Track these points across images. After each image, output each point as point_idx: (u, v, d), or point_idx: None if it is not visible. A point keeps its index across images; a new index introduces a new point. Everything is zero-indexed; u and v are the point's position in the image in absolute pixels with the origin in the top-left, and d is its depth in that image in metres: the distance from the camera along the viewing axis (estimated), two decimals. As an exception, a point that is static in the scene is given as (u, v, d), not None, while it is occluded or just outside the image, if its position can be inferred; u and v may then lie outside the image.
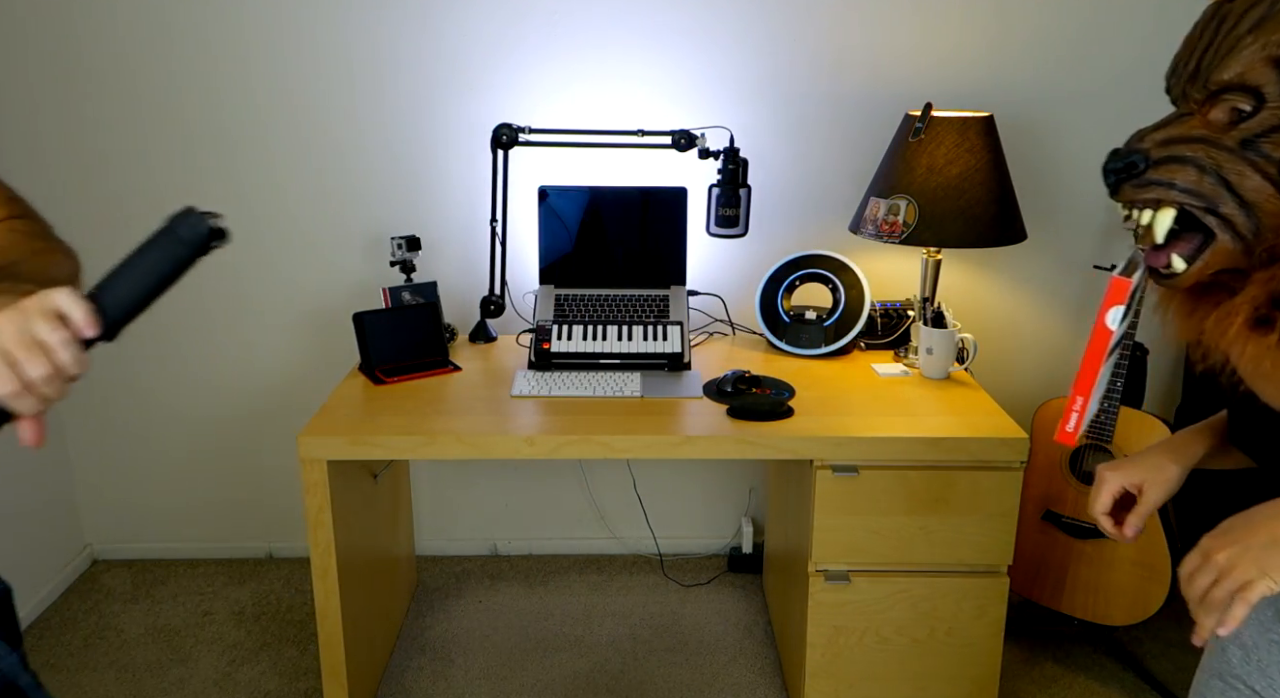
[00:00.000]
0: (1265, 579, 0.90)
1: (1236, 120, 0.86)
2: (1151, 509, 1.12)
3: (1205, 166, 0.87)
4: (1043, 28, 2.36)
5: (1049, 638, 2.41)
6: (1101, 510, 1.14)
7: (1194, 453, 1.15)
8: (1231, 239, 0.88)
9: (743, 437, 1.84)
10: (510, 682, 2.26)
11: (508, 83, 2.40)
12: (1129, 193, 0.92)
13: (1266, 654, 1.12)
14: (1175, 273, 0.94)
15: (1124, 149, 0.93)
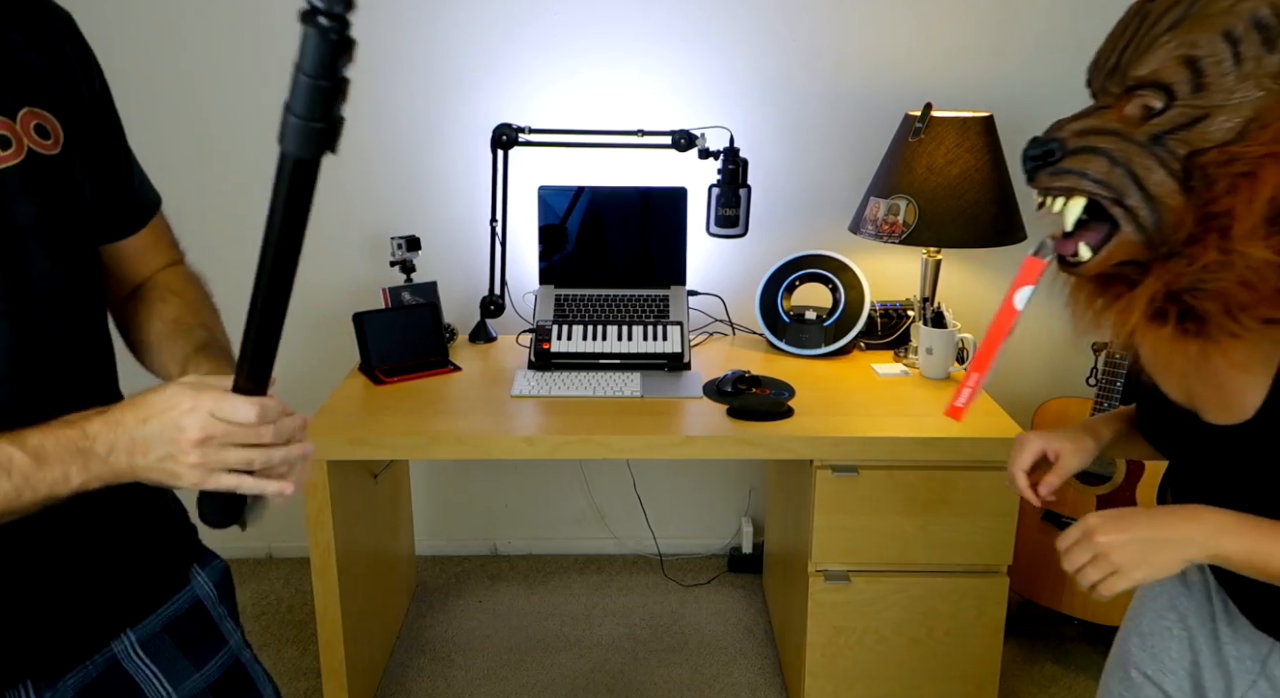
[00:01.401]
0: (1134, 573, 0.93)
1: (1148, 116, 0.87)
2: (1066, 475, 1.15)
3: (1116, 159, 0.89)
4: (1043, 28, 2.36)
5: (1049, 638, 2.41)
6: (1021, 468, 1.17)
7: (1104, 435, 1.19)
8: (1135, 231, 0.91)
9: (743, 437, 1.84)
10: (510, 682, 2.26)
11: (508, 83, 2.40)
12: (1044, 180, 0.94)
13: (1159, 642, 1.16)
14: (1081, 261, 0.98)
15: (1043, 137, 0.94)
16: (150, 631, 0.98)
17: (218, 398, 0.79)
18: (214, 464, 0.80)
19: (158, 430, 0.78)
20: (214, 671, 1.03)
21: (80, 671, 0.92)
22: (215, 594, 1.06)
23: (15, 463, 0.76)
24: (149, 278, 1.06)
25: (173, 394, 0.79)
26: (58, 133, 0.87)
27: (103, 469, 0.79)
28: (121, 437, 0.79)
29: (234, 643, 1.07)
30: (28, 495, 0.77)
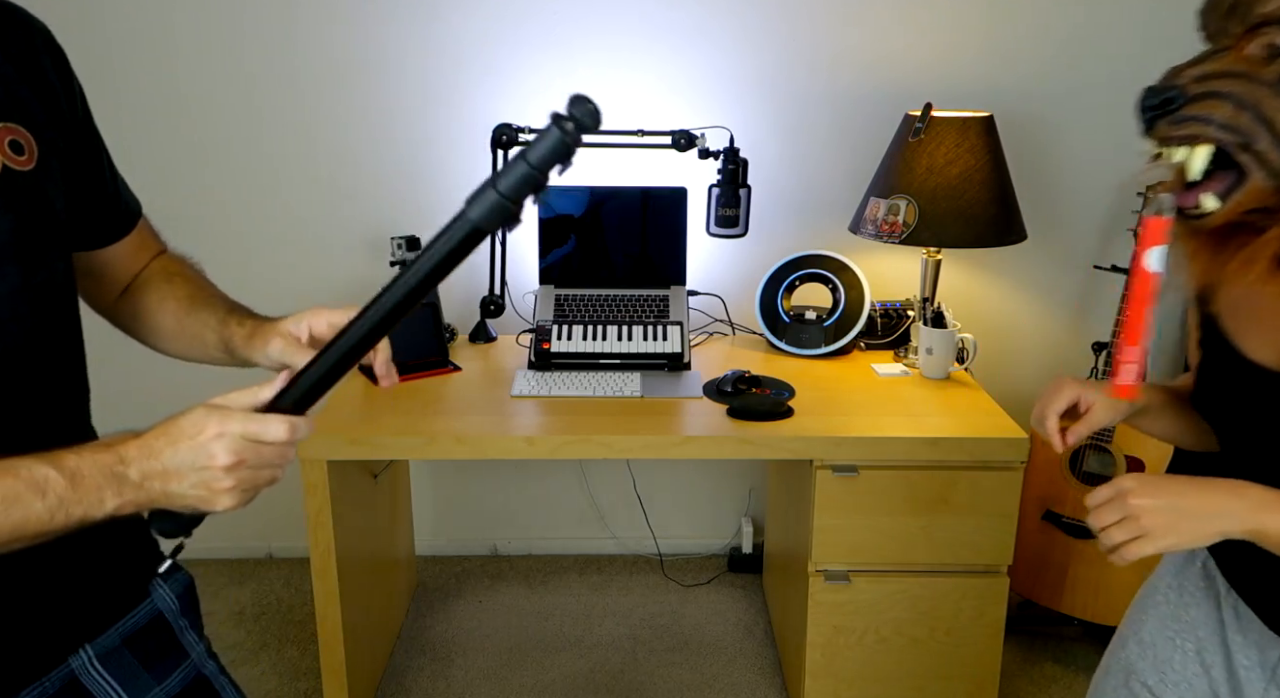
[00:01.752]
0: (1161, 541, 0.90)
1: (1274, 55, 0.84)
2: (1095, 427, 1.11)
3: (1243, 102, 0.85)
4: (1042, 27, 2.36)
5: (1049, 638, 2.41)
6: (1057, 410, 1.11)
7: (1138, 400, 1.13)
8: (1265, 177, 0.87)
9: (743, 437, 1.84)
10: (510, 682, 2.26)
11: (508, 83, 2.40)
12: (1164, 130, 0.90)
13: (1163, 652, 1.13)
14: (1205, 213, 0.92)
15: (1159, 85, 0.90)
16: (109, 645, 0.96)
17: (246, 420, 0.79)
18: (248, 487, 0.80)
19: (189, 458, 0.78)
20: (175, 684, 1.01)
21: (37, 687, 0.90)
22: (177, 606, 1.04)
23: (51, 484, 0.75)
24: (141, 272, 1.07)
25: (199, 419, 0.79)
26: (32, 148, 0.86)
27: (137, 495, 0.78)
28: (154, 464, 0.78)
29: (196, 656, 1.05)
30: (60, 518, 0.76)
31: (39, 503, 0.75)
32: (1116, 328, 2.12)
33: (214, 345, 1.02)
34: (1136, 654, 1.16)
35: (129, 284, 1.07)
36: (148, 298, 1.06)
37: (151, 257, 1.09)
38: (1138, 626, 1.18)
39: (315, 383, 0.82)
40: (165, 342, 1.06)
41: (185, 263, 1.11)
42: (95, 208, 1.00)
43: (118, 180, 1.04)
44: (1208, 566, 1.14)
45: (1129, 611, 1.22)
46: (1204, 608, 1.11)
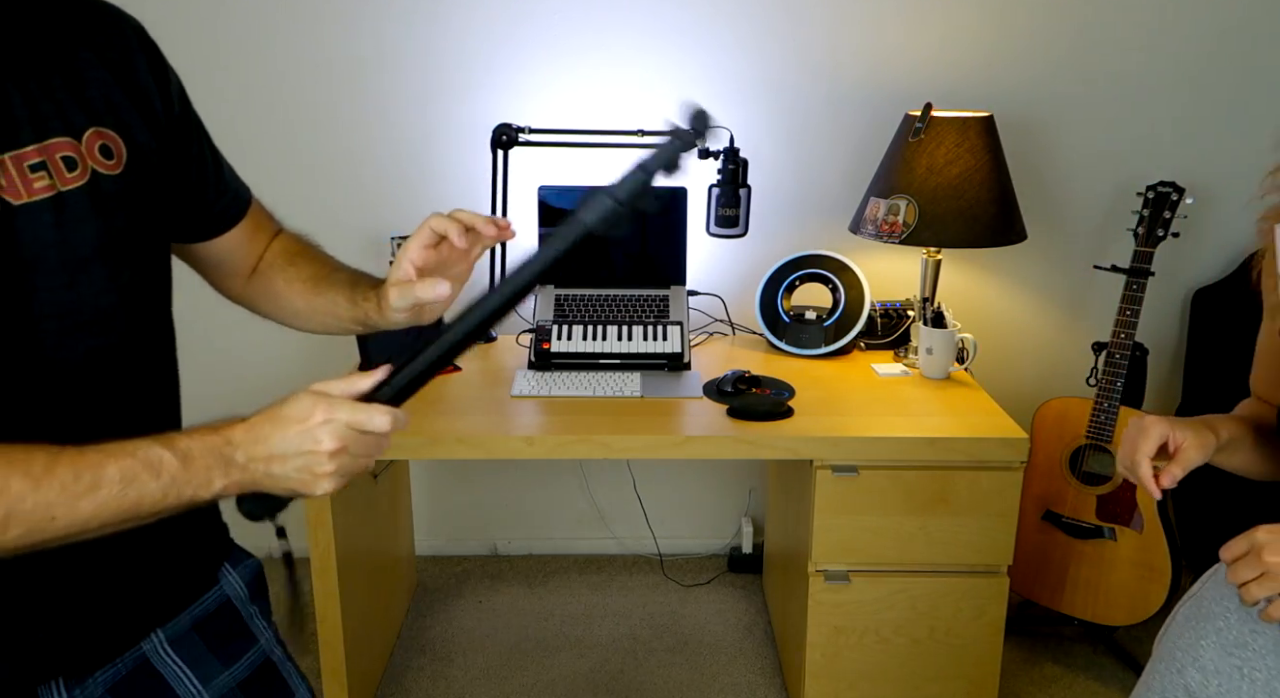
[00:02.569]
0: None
1: None
2: (1189, 467, 1.06)
3: None
4: (1043, 27, 2.36)
5: (1049, 638, 2.41)
6: (1147, 454, 1.06)
7: (1223, 433, 1.10)
8: None
9: (743, 437, 1.84)
10: (510, 682, 2.26)
11: (508, 83, 2.40)
12: None
13: (1228, 682, 1.09)
14: None
15: None
16: (180, 629, 0.99)
17: (352, 409, 0.81)
18: (346, 473, 0.83)
19: (295, 442, 0.80)
20: (243, 669, 1.04)
21: (110, 668, 0.93)
22: (246, 593, 1.08)
23: (165, 465, 0.78)
24: (262, 256, 1.10)
25: (307, 405, 0.81)
26: (121, 152, 0.88)
27: (242, 476, 0.81)
28: (260, 447, 0.81)
29: (264, 642, 1.08)
30: (172, 498, 0.78)
31: (154, 483, 0.77)
32: (1117, 328, 2.12)
33: (349, 320, 1.06)
34: (1199, 683, 1.11)
35: (254, 269, 1.10)
36: (274, 282, 1.09)
37: (269, 239, 1.11)
38: (1194, 651, 1.13)
39: (415, 378, 0.85)
40: (299, 321, 1.10)
41: (303, 242, 1.14)
42: (199, 201, 1.01)
43: (223, 170, 1.05)
44: None
45: (1176, 630, 1.18)
46: (1269, 635, 1.07)
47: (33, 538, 0.74)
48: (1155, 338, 2.53)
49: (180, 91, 0.99)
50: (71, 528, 0.75)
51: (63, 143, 0.83)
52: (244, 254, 1.09)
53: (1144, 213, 2.13)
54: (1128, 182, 2.41)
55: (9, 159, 0.80)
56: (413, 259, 0.97)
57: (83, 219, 0.84)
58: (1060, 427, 2.23)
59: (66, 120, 0.84)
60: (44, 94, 0.83)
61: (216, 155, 1.05)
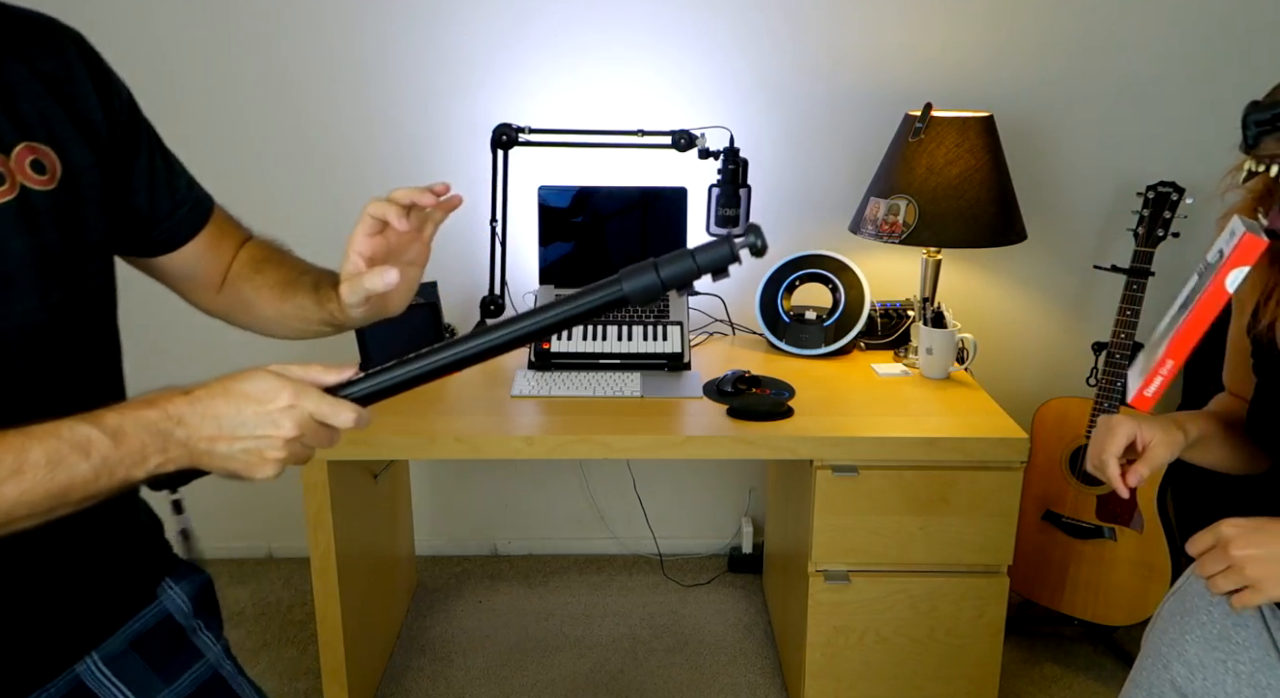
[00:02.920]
0: (1273, 590, 0.88)
1: None
2: (1156, 465, 1.06)
3: None
4: (1043, 27, 2.36)
5: (1049, 638, 2.41)
6: (1115, 453, 1.07)
7: (1192, 430, 1.11)
8: None
9: (743, 437, 1.84)
10: (510, 682, 2.26)
11: (508, 83, 2.40)
12: (1272, 146, 0.87)
13: (1212, 674, 1.10)
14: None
15: (1267, 100, 0.88)
16: (115, 649, 0.96)
17: (319, 400, 0.79)
18: (291, 462, 0.80)
19: (252, 422, 0.77)
20: (187, 685, 1.00)
21: (42, 694, 0.90)
22: (189, 607, 1.03)
23: (94, 444, 0.74)
24: (230, 265, 1.07)
25: (273, 388, 0.78)
26: (55, 167, 0.85)
27: (179, 453, 0.77)
28: (207, 423, 0.77)
29: (212, 657, 1.04)
30: (104, 480, 0.75)
31: (83, 464, 0.73)
32: (1117, 328, 2.12)
33: (318, 322, 1.03)
34: (1185, 677, 1.13)
35: (223, 280, 1.07)
36: (243, 291, 1.06)
37: (236, 248, 1.08)
38: (1179, 646, 1.14)
39: (392, 386, 0.83)
40: (272, 328, 1.07)
41: (270, 247, 1.10)
42: (152, 214, 0.98)
43: (177, 179, 1.02)
44: None
45: (1161, 625, 1.19)
46: (1253, 628, 1.08)
47: None
48: (1155, 338, 2.52)
49: (128, 102, 0.96)
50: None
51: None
52: (209, 265, 1.05)
53: (1144, 213, 2.13)
54: (1128, 182, 2.41)
55: None
56: (360, 251, 0.94)
57: (9, 235, 0.81)
58: (1060, 427, 2.23)
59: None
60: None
61: (171, 165, 1.01)
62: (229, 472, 0.79)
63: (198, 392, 0.78)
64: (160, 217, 1.00)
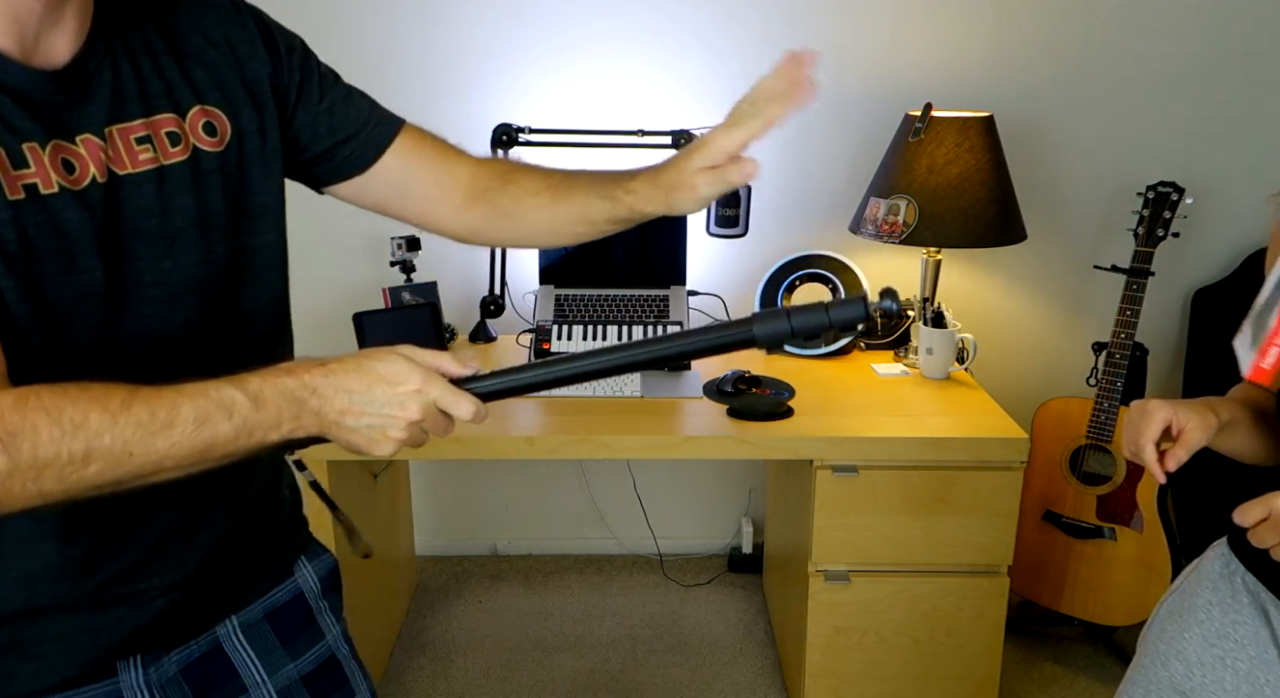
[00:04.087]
0: None
1: None
2: (1193, 449, 1.05)
3: None
4: (1043, 28, 2.36)
5: (1049, 638, 2.41)
6: (1151, 439, 1.05)
7: (1224, 414, 1.09)
8: None
9: (743, 437, 1.84)
10: (510, 682, 2.26)
11: (508, 83, 2.40)
12: None
13: (1211, 673, 1.11)
14: None
15: None
16: (252, 617, 1.01)
17: (444, 390, 0.82)
18: (409, 444, 0.83)
19: (381, 401, 0.80)
20: (308, 663, 1.05)
21: (185, 649, 0.95)
22: (318, 588, 1.08)
23: (237, 406, 0.77)
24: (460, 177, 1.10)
25: (405, 370, 0.81)
26: (225, 130, 0.91)
27: (310, 422, 0.80)
28: (340, 396, 0.80)
29: (331, 638, 1.08)
30: (243, 441, 0.78)
31: (226, 423, 0.77)
32: (1117, 328, 2.12)
33: (604, 221, 1.04)
34: (1183, 674, 1.13)
35: (463, 194, 1.09)
36: (499, 202, 1.08)
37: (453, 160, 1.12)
38: (1178, 644, 1.14)
39: (515, 387, 0.86)
40: (539, 236, 1.10)
41: (511, 161, 1.13)
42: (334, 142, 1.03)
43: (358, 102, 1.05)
44: (1246, 580, 1.11)
45: (1159, 624, 1.19)
46: (1251, 625, 1.09)
47: (112, 474, 0.74)
48: (1155, 338, 2.52)
49: (300, 51, 1.00)
50: (146, 466, 0.75)
51: (168, 119, 0.87)
52: (423, 177, 1.09)
53: (1144, 213, 2.13)
54: (1128, 182, 2.41)
55: (117, 131, 0.83)
56: (729, 148, 0.96)
57: (181, 192, 0.87)
58: (1060, 427, 2.23)
59: (173, 98, 0.87)
60: (155, 73, 0.87)
61: (351, 92, 1.05)
62: (351, 445, 0.83)
63: (333, 365, 0.81)
64: (346, 139, 1.04)
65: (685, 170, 0.96)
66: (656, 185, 0.98)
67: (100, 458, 0.73)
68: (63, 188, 0.79)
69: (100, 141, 0.82)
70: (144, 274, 0.85)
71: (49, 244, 0.79)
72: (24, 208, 0.77)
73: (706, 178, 0.95)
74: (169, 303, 0.87)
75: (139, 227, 0.84)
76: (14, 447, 0.70)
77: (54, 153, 0.79)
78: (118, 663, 0.90)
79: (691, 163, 0.96)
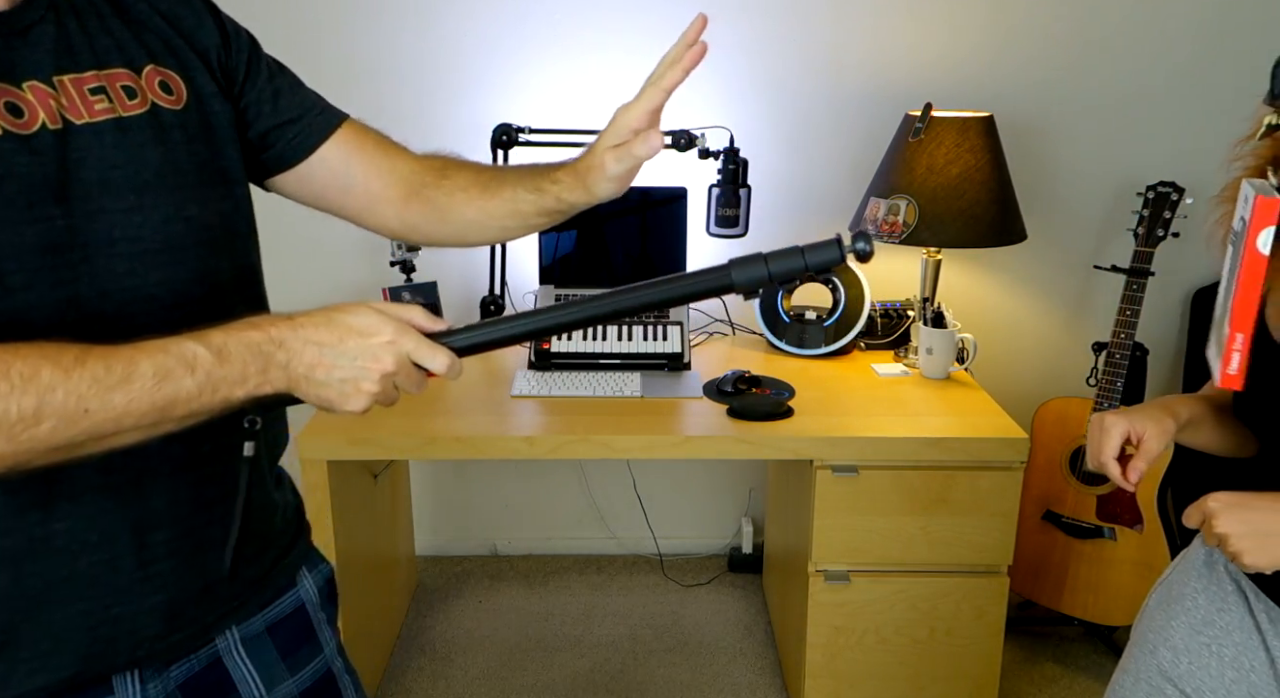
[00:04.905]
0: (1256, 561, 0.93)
1: None
2: (1153, 456, 1.09)
3: None
4: (1043, 28, 2.36)
5: (1049, 638, 2.41)
6: (1111, 455, 1.10)
7: (1182, 415, 1.13)
8: None
9: (743, 437, 1.84)
10: (510, 682, 2.26)
11: (508, 83, 2.40)
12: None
13: (1197, 659, 1.12)
14: None
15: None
16: (254, 630, 0.98)
17: (418, 341, 0.81)
18: (381, 400, 0.81)
19: (352, 354, 0.79)
20: (307, 677, 1.02)
21: (186, 662, 0.92)
22: (318, 599, 1.05)
23: (199, 360, 0.75)
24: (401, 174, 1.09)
25: (376, 322, 0.80)
26: (180, 90, 0.90)
27: (278, 375, 0.78)
28: (308, 350, 0.78)
29: (329, 652, 1.06)
30: (206, 396, 0.76)
31: (188, 379, 0.75)
32: (1117, 328, 2.12)
33: (535, 213, 1.04)
34: (1170, 661, 1.14)
35: (401, 191, 1.08)
36: (433, 198, 1.07)
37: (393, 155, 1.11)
38: (1165, 632, 1.16)
39: (492, 341, 0.85)
40: (474, 232, 1.09)
41: (449, 156, 1.13)
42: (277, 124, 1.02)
43: (303, 91, 1.06)
44: (1229, 568, 1.13)
45: (1148, 614, 1.20)
46: (1236, 613, 1.10)
47: (66, 434, 0.71)
48: (1155, 338, 2.52)
49: (248, 39, 1.00)
50: (104, 425, 0.72)
51: (121, 73, 0.85)
52: (363, 171, 1.07)
53: (1144, 213, 2.13)
54: (1128, 182, 2.41)
55: (69, 81, 0.81)
56: (634, 124, 0.95)
57: (145, 144, 0.85)
58: (1060, 427, 2.23)
59: (125, 55, 0.86)
60: (103, 31, 0.86)
61: (297, 82, 1.06)
62: (322, 400, 0.81)
63: (300, 318, 0.80)
64: (290, 121, 1.02)
65: (596, 151, 0.96)
66: (575, 173, 0.98)
67: (53, 415, 0.70)
68: (8, 131, 0.77)
69: (50, 89, 0.80)
70: (115, 228, 0.82)
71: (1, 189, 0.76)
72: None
73: (614, 154, 0.94)
74: (143, 260, 0.84)
75: (105, 177, 0.82)
76: None
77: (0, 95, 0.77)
78: (114, 678, 0.86)
79: (600, 144, 0.96)
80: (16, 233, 0.77)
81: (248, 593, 0.97)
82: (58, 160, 0.79)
